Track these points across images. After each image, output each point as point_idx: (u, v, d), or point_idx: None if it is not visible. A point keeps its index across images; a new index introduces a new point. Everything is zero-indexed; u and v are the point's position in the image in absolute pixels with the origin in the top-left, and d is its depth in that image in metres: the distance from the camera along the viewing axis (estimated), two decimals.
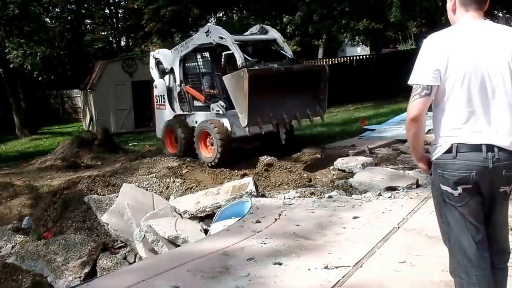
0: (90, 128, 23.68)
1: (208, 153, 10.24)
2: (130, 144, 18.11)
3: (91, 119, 25.23)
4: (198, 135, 10.37)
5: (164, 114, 11.89)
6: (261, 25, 11.18)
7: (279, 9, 25.32)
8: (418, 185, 7.64)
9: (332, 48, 38.76)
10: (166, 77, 11.75)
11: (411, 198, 7.05)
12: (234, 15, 31.94)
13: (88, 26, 40.42)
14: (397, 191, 7.43)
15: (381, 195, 7.28)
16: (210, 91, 10.93)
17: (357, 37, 27.55)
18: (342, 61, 32.32)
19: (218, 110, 10.23)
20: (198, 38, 10.69)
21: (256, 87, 9.02)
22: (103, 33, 40.18)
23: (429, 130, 12.07)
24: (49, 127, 30.31)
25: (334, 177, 9.00)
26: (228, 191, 7.77)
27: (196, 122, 10.87)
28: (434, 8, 19.93)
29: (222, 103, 10.15)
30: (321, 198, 7.35)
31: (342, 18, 23.03)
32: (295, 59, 10.81)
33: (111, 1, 39.22)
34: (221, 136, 9.77)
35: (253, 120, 9.30)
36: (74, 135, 17.38)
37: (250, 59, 9.59)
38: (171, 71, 11.43)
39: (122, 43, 40.28)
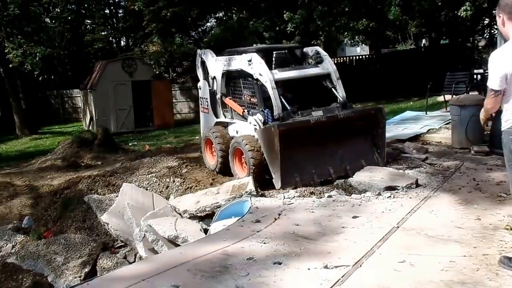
0: (90, 128, 23.73)
1: (243, 172, 8.88)
2: (130, 144, 18.14)
3: (91, 119, 25.27)
4: (232, 151, 9.08)
5: (207, 118, 10.71)
6: (317, 50, 9.70)
7: (279, 9, 25.31)
8: (417, 185, 7.64)
9: (332, 48, 38.79)
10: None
11: (410, 198, 7.05)
12: (234, 15, 31.93)
13: (88, 26, 40.46)
14: (396, 190, 7.43)
15: (380, 194, 7.28)
16: (251, 99, 9.40)
17: (356, 37, 27.55)
18: (341, 61, 32.31)
19: (255, 125, 8.75)
20: (241, 63, 9.24)
21: (291, 143, 8.01)
22: (103, 33, 40.23)
23: (428, 130, 12.13)
24: (49, 127, 30.35)
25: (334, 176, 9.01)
26: (228, 190, 7.77)
27: (236, 132, 9.55)
28: (433, 6, 19.96)
29: (261, 117, 8.69)
30: (321, 197, 7.35)
31: (341, 17, 23.04)
32: (346, 101, 9.19)
33: (111, 1, 39.25)
34: (253, 154, 8.41)
35: (289, 181, 8.08)
36: (74, 135, 17.40)
37: (288, 107, 8.52)
38: (214, 78, 10.29)
39: (122, 43, 40.32)
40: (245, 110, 9.40)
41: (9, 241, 8.48)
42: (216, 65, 10.28)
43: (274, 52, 9.96)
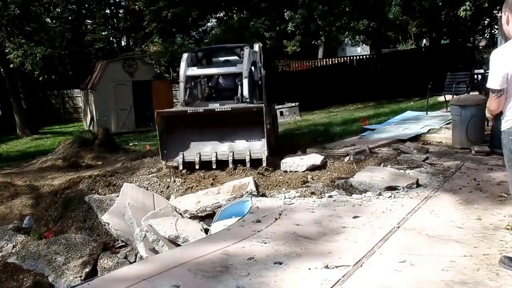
0: (91, 128, 23.70)
1: None
2: (130, 144, 18.11)
3: (91, 119, 25.25)
4: None
5: None
6: (246, 51, 10.86)
7: (279, 9, 25.32)
8: (418, 185, 7.64)
9: (332, 47, 38.81)
10: None
11: (411, 198, 7.06)
12: (234, 16, 31.94)
13: (89, 26, 40.52)
14: (397, 190, 7.44)
15: (381, 194, 7.28)
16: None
17: (357, 37, 27.60)
18: (342, 61, 32.37)
19: None
20: None
21: (172, 127, 9.81)
22: (103, 33, 40.29)
23: (429, 130, 12.13)
24: (50, 127, 30.36)
25: (334, 176, 9.01)
26: (228, 190, 7.78)
27: None
28: (434, 6, 19.95)
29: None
30: (321, 197, 7.35)
31: (342, 17, 23.05)
32: (245, 98, 10.24)
33: (111, 1, 39.27)
34: None
35: (169, 156, 9.78)
36: (75, 135, 17.38)
37: (185, 99, 10.54)
38: None
39: (123, 43, 40.35)
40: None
41: (9, 241, 8.48)
42: None
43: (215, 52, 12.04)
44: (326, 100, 25.70)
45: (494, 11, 24.30)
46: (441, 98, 15.85)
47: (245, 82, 10.25)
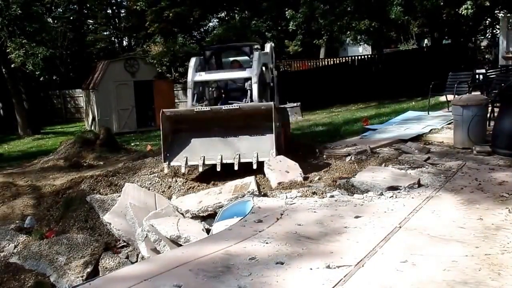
0: (93, 128, 23.73)
1: None
2: (132, 144, 18.13)
3: (93, 118, 25.29)
4: None
5: None
6: (257, 53, 10.70)
7: (281, 8, 25.33)
8: (420, 185, 7.63)
9: (334, 47, 38.82)
10: None
11: (412, 198, 7.05)
12: (236, 15, 31.96)
13: (90, 26, 40.55)
14: (399, 190, 7.43)
15: (383, 194, 7.28)
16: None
17: (358, 36, 27.60)
18: (344, 61, 32.36)
19: None
20: None
21: (177, 127, 9.60)
22: (105, 33, 40.32)
23: (431, 130, 12.15)
24: (52, 127, 30.40)
25: (336, 176, 9.00)
26: (230, 190, 7.77)
27: None
28: (435, 6, 19.95)
29: None
30: (323, 197, 7.35)
31: (343, 17, 23.05)
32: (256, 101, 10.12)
33: (113, 1, 39.30)
34: None
35: (173, 159, 9.47)
36: (77, 135, 17.40)
37: (193, 102, 10.32)
38: None
39: (124, 43, 40.40)
40: None
41: (11, 241, 8.49)
42: None
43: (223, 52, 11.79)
44: (328, 100, 25.71)
45: (496, 11, 24.28)
46: (442, 98, 15.85)
47: (255, 87, 10.00)
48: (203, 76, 10.58)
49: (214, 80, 11.02)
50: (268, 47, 11.81)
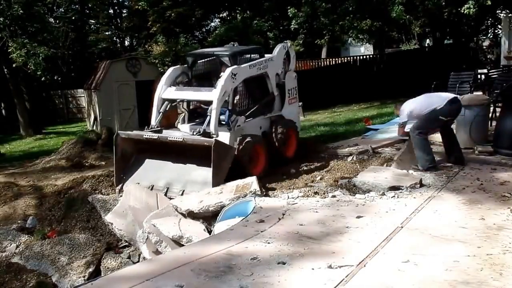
0: (94, 128, 23.71)
1: None
2: None
3: (95, 118, 25.26)
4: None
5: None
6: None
7: (282, 7, 25.34)
8: (421, 185, 7.63)
9: (336, 47, 38.79)
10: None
11: (414, 198, 7.05)
12: (238, 15, 31.97)
13: (92, 26, 40.52)
14: (400, 190, 7.43)
15: (384, 194, 7.28)
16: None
17: (360, 36, 27.58)
18: (345, 60, 32.32)
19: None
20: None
21: (130, 151, 9.56)
22: (107, 33, 40.29)
23: None
24: (54, 126, 30.40)
25: (338, 176, 9.01)
26: (231, 190, 7.77)
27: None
28: (437, 5, 19.93)
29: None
30: (325, 197, 7.35)
31: (345, 17, 23.05)
32: (205, 131, 9.07)
33: (115, 1, 39.32)
34: None
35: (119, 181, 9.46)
36: (78, 134, 17.43)
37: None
38: None
39: (126, 43, 40.38)
40: None
41: (13, 241, 8.49)
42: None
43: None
44: (330, 100, 25.67)
45: (497, 11, 24.26)
46: None
47: (213, 114, 9.04)
48: (171, 94, 9.86)
49: (181, 100, 10.22)
50: (276, 50, 10.79)
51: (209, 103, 9.31)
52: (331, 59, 33.45)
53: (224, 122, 9.28)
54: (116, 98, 24.38)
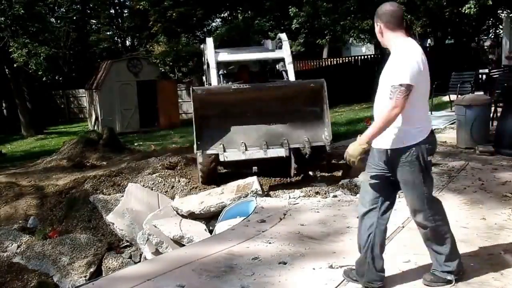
0: (96, 128, 23.76)
1: None
2: (135, 144, 18.15)
3: (96, 118, 25.30)
4: None
5: None
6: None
7: (284, 7, 25.31)
8: None
9: (337, 47, 38.72)
10: None
11: None
12: (239, 15, 31.95)
13: (93, 26, 40.52)
14: (401, 190, 7.42)
15: None
16: None
17: (361, 35, 27.56)
18: (347, 60, 32.29)
19: None
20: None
21: (209, 109, 8.07)
22: (108, 33, 40.26)
23: (433, 130, 12.09)
24: (55, 127, 30.43)
25: (339, 176, 9.01)
26: (232, 190, 7.77)
27: None
28: (438, 5, 19.90)
29: None
30: (326, 197, 7.35)
31: (346, 16, 23.03)
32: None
33: (116, 1, 39.31)
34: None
35: (208, 147, 7.96)
36: (80, 135, 17.45)
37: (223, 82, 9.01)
38: None
39: (127, 43, 40.36)
40: None
41: (14, 241, 8.51)
42: None
43: None
44: (331, 100, 25.39)
45: (499, 11, 24.22)
46: (445, 98, 15.80)
47: (290, 67, 8.91)
48: (227, 56, 9.25)
49: (238, 61, 9.56)
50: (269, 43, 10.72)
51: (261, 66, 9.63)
52: (332, 59, 33.41)
53: None
54: (117, 98, 24.42)
